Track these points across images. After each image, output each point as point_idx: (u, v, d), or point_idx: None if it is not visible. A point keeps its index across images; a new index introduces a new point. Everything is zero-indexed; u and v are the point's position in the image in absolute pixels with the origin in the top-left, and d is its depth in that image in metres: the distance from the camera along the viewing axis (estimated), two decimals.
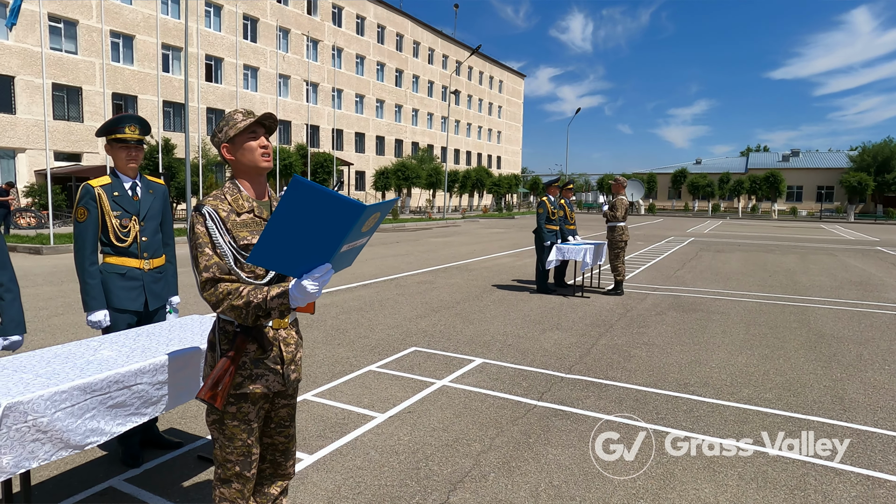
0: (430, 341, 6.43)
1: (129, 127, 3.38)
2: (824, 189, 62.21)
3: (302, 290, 1.86)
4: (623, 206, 9.87)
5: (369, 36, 47.39)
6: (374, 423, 4.13)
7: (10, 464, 2.08)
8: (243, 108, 2.14)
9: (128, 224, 3.42)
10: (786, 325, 7.49)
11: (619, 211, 9.80)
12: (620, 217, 9.79)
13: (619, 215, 9.79)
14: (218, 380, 1.99)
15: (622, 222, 9.78)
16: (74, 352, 2.76)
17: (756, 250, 18.56)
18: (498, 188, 54.54)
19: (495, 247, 18.59)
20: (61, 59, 27.27)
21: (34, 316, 7.25)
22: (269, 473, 2.35)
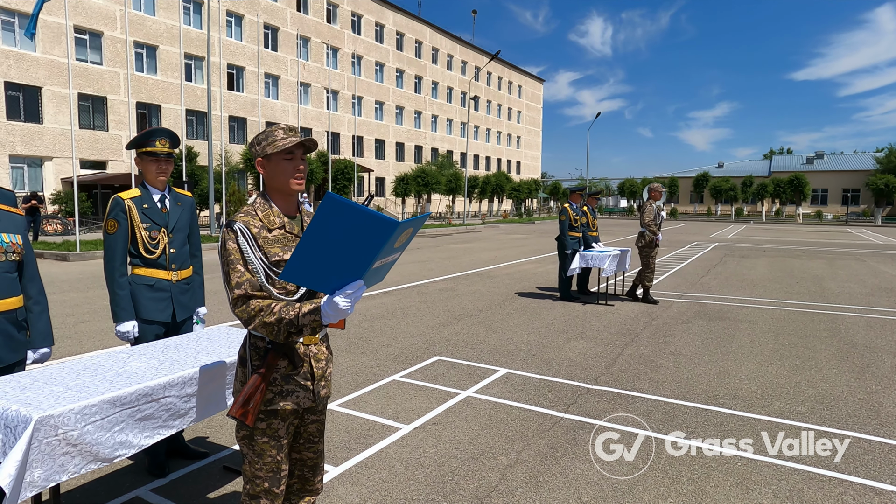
0: (454, 350, 6.39)
1: (160, 140, 3.41)
2: (850, 192, 61.03)
3: (334, 307, 1.84)
4: (649, 211, 9.62)
5: (388, 43, 47.62)
6: (399, 434, 4.10)
7: (42, 477, 2.08)
8: (285, 124, 2.12)
9: (157, 236, 3.45)
10: (816, 335, 7.33)
11: (645, 216, 9.60)
12: (647, 223, 9.56)
13: (646, 220, 9.58)
14: (249, 397, 1.98)
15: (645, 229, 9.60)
16: (104, 364, 2.77)
17: (782, 255, 18.25)
18: (518, 193, 54.35)
19: (516, 253, 18.51)
20: (87, 70, 27.79)
21: (61, 323, 7.34)
22: (297, 489, 2.33)
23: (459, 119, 56.95)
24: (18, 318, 2.76)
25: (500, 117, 64.52)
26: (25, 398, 2.24)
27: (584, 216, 10.13)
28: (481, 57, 59.69)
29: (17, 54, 25.22)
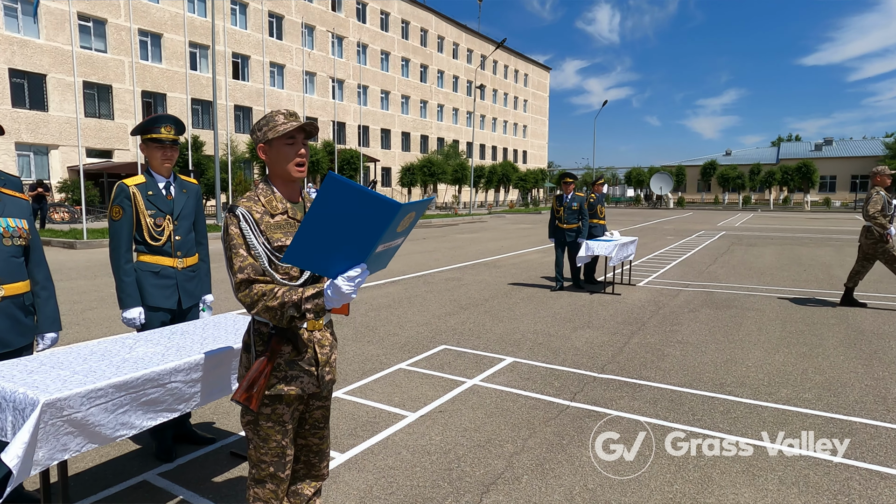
0: (460, 339, 6.39)
1: (165, 127, 3.40)
2: (859, 178, 60.49)
3: (337, 291, 1.83)
4: (876, 200, 7.82)
5: (394, 32, 47.39)
6: (406, 422, 4.11)
7: (45, 457, 2.12)
8: (286, 109, 2.11)
9: (162, 223, 3.44)
10: (823, 322, 7.29)
11: (870, 207, 7.83)
12: (872, 214, 7.78)
13: (870, 211, 7.81)
14: (253, 382, 1.98)
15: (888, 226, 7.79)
16: (111, 349, 2.78)
17: (789, 243, 18.15)
18: (524, 183, 54.24)
19: (523, 243, 18.48)
20: (91, 58, 27.78)
21: (69, 310, 7.38)
22: (303, 474, 2.33)
23: (465, 108, 56.72)
24: (26, 303, 2.77)
25: (507, 106, 64.22)
26: (33, 381, 2.26)
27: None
28: (487, 45, 59.35)
29: (20, 41, 25.21)
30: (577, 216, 9.56)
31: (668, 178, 55.68)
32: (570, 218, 9.58)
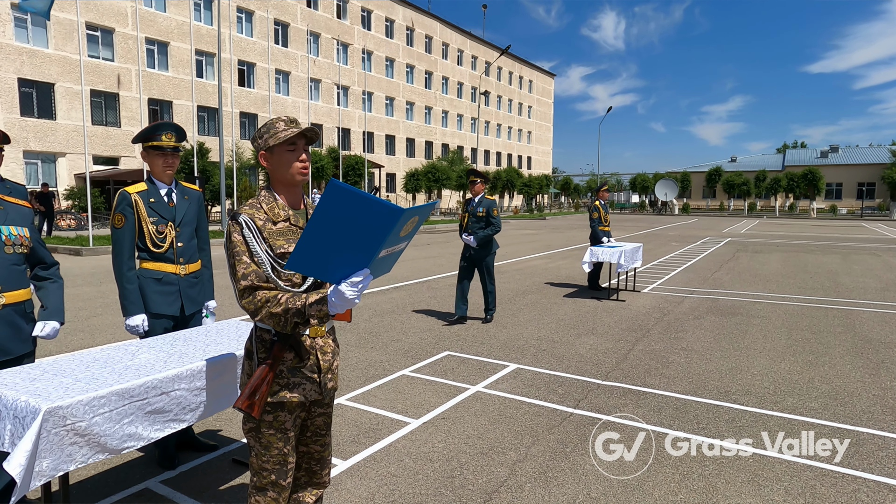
0: (464, 346, 6.37)
1: (166, 134, 3.41)
2: (865, 186, 60.27)
3: (340, 296, 1.82)
4: None
5: (398, 38, 47.55)
6: (408, 428, 4.09)
7: (49, 467, 2.10)
8: (286, 116, 2.11)
9: (164, 230, 3.45)
10: (830, 330, 7.24)
11: None
12: None
13: None
14: (255, 389, 1.97)
15: None
16: (113, 356, 2.78)
17: (795, 251, 18.07)
18: (528, 189, 54.17)
19: (527, 249, 18.45)
20: (99, 66, 27.96)
21: (74, 316, 7.40)
22: (305, 482, 2.33)
23: (470, 114, 56.81)
24: (27, 311, 2.78)
25: (511, 112, 64.29)
26: (34, 389, 2.25)
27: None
28: (492, 52, 59.48)
29: (30, 51, 25.43)
30: (482, 225, 7.33)
31: (673, 184, 55.62)
32: (475, 227, 7.34)
